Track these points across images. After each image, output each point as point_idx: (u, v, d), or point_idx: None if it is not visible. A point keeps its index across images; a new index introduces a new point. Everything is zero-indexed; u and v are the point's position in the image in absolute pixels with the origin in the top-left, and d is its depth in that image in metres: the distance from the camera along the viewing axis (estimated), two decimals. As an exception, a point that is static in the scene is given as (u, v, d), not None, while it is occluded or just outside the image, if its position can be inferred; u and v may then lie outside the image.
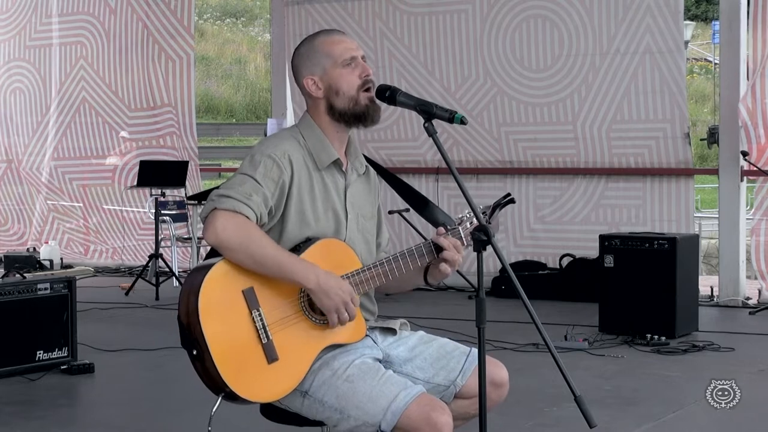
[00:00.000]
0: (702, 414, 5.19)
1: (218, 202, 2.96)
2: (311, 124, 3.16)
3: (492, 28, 9.60)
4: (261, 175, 3.01)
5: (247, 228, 2.93)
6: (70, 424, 5.28)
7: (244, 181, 3.00)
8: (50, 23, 11.73)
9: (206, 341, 2.87)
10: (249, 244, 2.92)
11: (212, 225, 2.94)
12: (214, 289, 2.91)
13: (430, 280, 3.22)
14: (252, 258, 2.92)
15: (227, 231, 2.92)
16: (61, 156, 11.76)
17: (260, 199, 2.99)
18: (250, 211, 2.95)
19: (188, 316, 2.89)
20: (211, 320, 2.88)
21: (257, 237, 2.94)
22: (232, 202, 2.95)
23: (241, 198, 2.96)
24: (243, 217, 2.94)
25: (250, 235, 2.92)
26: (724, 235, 8.81)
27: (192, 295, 2.89)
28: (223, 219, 2.93)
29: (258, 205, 2.98)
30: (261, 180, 3.00)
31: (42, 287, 6.18)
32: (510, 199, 3.22)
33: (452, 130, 9.37)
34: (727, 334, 7.27)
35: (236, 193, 2.96)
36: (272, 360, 2.93)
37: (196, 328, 2.88)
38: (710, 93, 26.79)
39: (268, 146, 3.08)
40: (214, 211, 2.95)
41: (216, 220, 2.93)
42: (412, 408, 2.87)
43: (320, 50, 3.13)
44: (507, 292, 8.72)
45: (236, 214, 2.94)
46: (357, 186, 3.23)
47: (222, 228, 2.92)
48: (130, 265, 11.26)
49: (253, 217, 2.96)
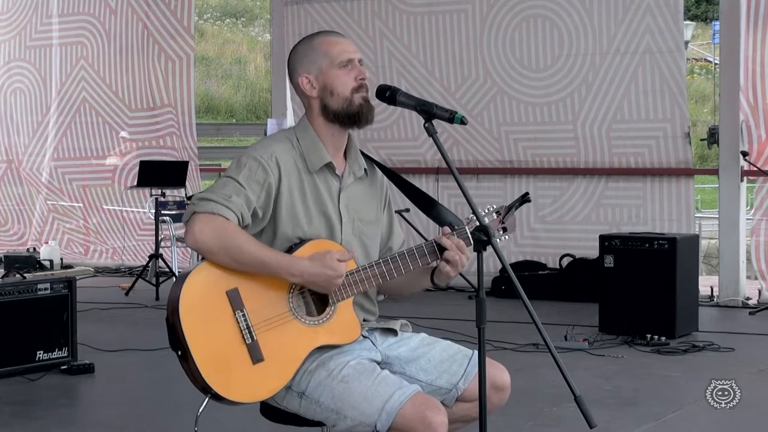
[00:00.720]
0: (702, 414, 5.19)
1: (197, 205, 2.97)
2: (307, 126, 3.16)
3: (492, 27, 9.60)
4: (244, 177, 3.01)
5: (225, 229, 2.93)
6: (70, 424, 5.28)
7: (226, 183, 3.01)
8: (50, 23, 11.74)
9: (187, 342, 2.89)
10: (227, 244, 2.92)
11: (191, 228, 2.95)
12: (195, 290, 2.93)
13: (437, 281, 3.20)
14: (232, 258, 2.93)
15: (204, 233, 2.92)
16: (61, 156, 11.76)
17: (242, 200, 2.98)
18: (229, 212, 2.95)
19: (172, 317, 2.92)
20: (193, 321, 2.90)
21: (235, 237, 2.93)
22: (211, 205, 2.95)
23: (220, 200, 2.96)
24: (221, 219, 2.94)
25: (227, 235, 2.92)
26: (724, 235, 8.81)
27: (174, 296, 2.92)
28: (200, 222, 2.94)
29: (239, 206, 2.97)
30: (244, 182, 3.00)
31: (42, 287, 6.18)
32: (527, 199, 3.20)
33: (452, 129, 9.37)
34: (727, 334, 7.27)
35: (216, 196, 2.97)
36: (257, 360, 2.93)
37: (179, 329, 2.90)
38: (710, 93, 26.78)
39: (257, 149, 3.09)
40: (193, 215, 2.96)
41: (194, 224, 2.94)
42: (407, 407, 2.87)
43: (318, 49, 3.13)
44: (507, 292, 8.72)
45: (214, 216, 2.94)
46: (354, 189, 3.21)
47: (199, 231, 2.93)
48: (130, 265, 11.26)
49: (233, 218, 2.96)
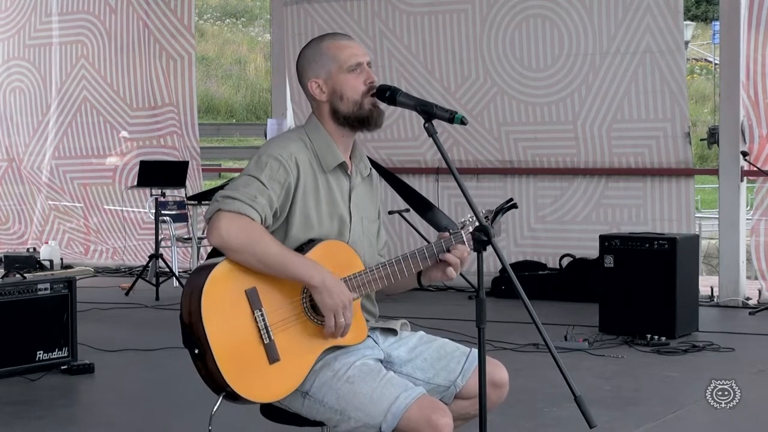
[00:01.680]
0: (702, 414, 5.19)
1: (223, 203, 2.95)
2: (318, 126, 3.16)
3: (492, 27, 9.60)
4: (267, 177, 3.00)
5: (251, 229, 2.93)
6: (70, 424, 5.28)
7: (250, 182, 2.99)
8: (50, 22, 11.72)
9: (208, 341, 2.87)
10: (253, 245, 2.91)
11: (216, 227, 2.93)
12: (217, 288, 2.91)
13: (424, 281, 3.23)
14: (256, 258, 2.92)
15: (231, 233, 2.92)
16: (62, 155, 11.75)
17: (265, 201, 2.98)
18: (254, 213, 2.95)
19: (191, 316, 2.90)
20: (214, 320, 2.89)
21: (261, 237, 2.93)
22: (237, 204, 2.94)
23: (246, 200, 2.95)
24: (247, 219, 2.94)
25: (254, 235, 2.92)
26: (724, 236, 8.81)
27: (195, 294, 2.89)
28: (227, 221, 2.93)
29: (263, 207, 2.97)
30: (267, 182, 3.00)
31: (42, 287, 6.18)
32: (512, 204, 3.22)
33: (452, 129, 9.37)
34: (727, 335, 7.27)
35: (241, 195, 2.96)
36: (274, 360, 2.93)
37: (199, 327, 2.88)
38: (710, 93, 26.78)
39: (276, 147, 3.08)
40: (218, 212, 2.95)
41: (220, 222, 2.93)
42: (413, 410, 2.87)
43: (327, 53, 3.12)
44: (507, 292, 8.71)
45: (240, 216, 2.93)
46: (361, 189, 3.23)
47: (226, 230, 2.92)
48: (130, 265, 11.25)
49: (257, 218, 2.96)
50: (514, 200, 3.26)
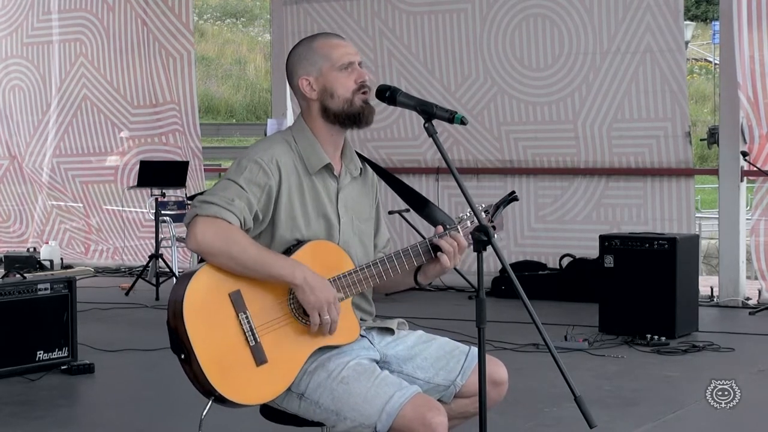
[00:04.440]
0: (702, 414, 5.19)
1: (200, 208, 2.95)
2: (304, 127, 3.15)
3: (492, 27, 9.60)
4: (245, 180, 3.00)
5: (228, 232, 2.92)
6: (70, 424, 5.28)
7: (228, 186, 2.99)
8: (49, 20, 11.70)
9: (192, 345, 2.88)
10: (230, 248, 2.91)
11: (192, 232, 2.94)
12: (198, 293, 2.92)
13: (421, 279, 3.21)
14: (234, 260, 2.92)
15: (207, 236, 2.92)
16: (63, 153, 11.74)
17: (243, 203, 2.97)
18: (231, 215, 2.95)
19: (175, 320, 2.91)
20: (197, 324, 2.89)
21: (238, 240, 2.93)
22: (214, 208, 2.94)
23: (223, 203, 2.95)
24: (224, 222, 2.93)
25: (230, 238, 2.92)
26: (724, 235, 8.81)
27: (177, 299, 2.91)
28: (202, 225, 2.93)
29: (241, 209, 2.97)
30: (245, 185, 2.99)
31: (42, 287, 6.18)
32: (513, 197, 3.21)
33: (452, 129, 9.37)
34: (727, 335, 7.27)
35: (218, 199, 2.96)
36: (261, 362, 2.93)
37: (182, 332, 2.89)
38: (710, 93, 26.79)
39: (257, 151, 3.07)
40: (195, 217, 2.95)
41: (196, 227, 2.93)
42: (407, 409, 2.87)
43: (318, 51, 3.12)
44: (507, 292, 8.71)
45: (216, 220, 2.93)
46: (351, 189, 3.21)
47: (201, 234, 2.92)
48: (130, 265, 11.25)
49: (235, 221, 2.95)
50: (515, 192, 3.24)
